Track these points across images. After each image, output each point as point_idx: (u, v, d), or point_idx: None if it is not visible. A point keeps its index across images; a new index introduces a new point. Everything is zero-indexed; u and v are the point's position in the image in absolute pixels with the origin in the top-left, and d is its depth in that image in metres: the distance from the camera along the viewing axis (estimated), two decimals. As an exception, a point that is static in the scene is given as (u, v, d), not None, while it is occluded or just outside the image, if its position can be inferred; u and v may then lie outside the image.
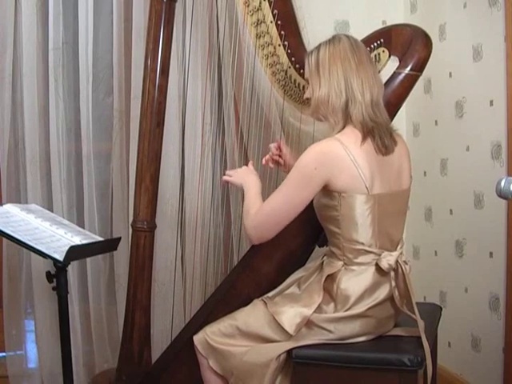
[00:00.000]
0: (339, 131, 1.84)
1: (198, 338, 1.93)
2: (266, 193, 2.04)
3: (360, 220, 1.82)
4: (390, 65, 2.10)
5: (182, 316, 2.68)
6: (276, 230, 1.89)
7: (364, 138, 1.80)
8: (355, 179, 1.79)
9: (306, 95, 1.94)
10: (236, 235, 2.72)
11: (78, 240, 1.88)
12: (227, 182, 2.14)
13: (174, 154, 2.67)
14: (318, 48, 1.89)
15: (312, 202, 1.89)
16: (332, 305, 1.84)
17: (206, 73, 2.63)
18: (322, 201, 1.87)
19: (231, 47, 2.51)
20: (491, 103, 2.32)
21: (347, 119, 1.84)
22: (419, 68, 2.02)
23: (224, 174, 2.13)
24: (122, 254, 2.65)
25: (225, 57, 2.65)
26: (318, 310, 1.83)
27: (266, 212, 1.88)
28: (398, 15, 2.88)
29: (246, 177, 2.04)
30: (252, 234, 1.91)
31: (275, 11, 2.14)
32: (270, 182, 2.41)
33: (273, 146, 2.18)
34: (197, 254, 2.66)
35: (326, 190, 1.83)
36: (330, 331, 1.83)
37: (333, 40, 1.87)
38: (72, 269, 2.64)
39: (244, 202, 1.97)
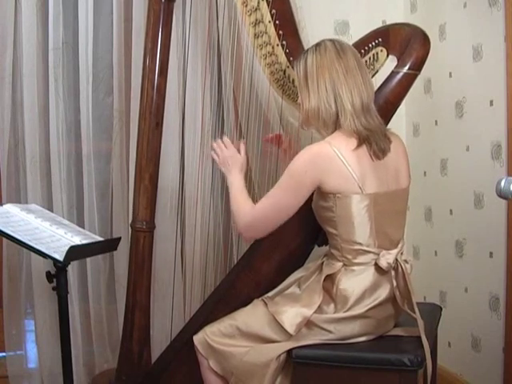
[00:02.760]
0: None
1: (197, 338, 1.93)
2: (265, 189, 2.04)
3: (356, 220, 1.82)
4: (389, 64, 2.10)
5: (182, 316, 2.68)
6: (268, 230, 1.91)
7: (359, 145, 1.81)
8: (347, 179, 1.79)
9: (299, 101, 1.94)
10: (236, 235, 2.72)
11: (78, 240, 1.88)
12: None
13: (174, 153, 2.67)
14: (305, 56, 1.88)
15: (310, 201, 1.90)
16: (332, 305, 1.84)
17: (205, 72, 2.63)
18: (318, 203, 1.88)
19: (230, 46, 2.51)
20: (491, 103, 2.32)
21: (337, 129, 1.85)
22: (417, 67, 2.02)
23: (223, 173, 2.10)
24: (122, 254, 2.65)
25: (224, 56, 2.64)
26: (319, 310, 1.83)
27: (257, 213, 1.90)
28: (397, 15, 2.88)
29: (231, 168, 2.02)
30: (244, 233, 1.95)
31: (273, 11, 2.14)
32: (270, 178, 2.42)
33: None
34: (196, 254, 2.66)
35: (321, 192, 1.84)
36: (330, 331, 1.83)
37: (319, 48, 1.86)
38: (72, 269, 2.64)
39: (231, 198, 1.98)
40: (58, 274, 1.79)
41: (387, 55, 2.09)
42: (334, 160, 1.79)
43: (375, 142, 1.82)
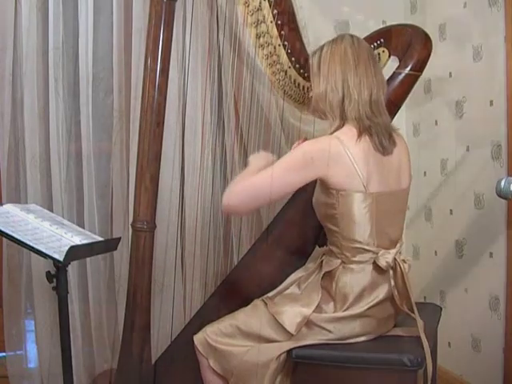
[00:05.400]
0: (336, 129, 1.85)
1: (198, 338, 1.94)
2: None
3: (358, 218, 1.82)
4: (390, 65, 2.11)
5: (182, 316, 2.68)
6: (252, 204, 1.86)
7: (360, 135, 1.80)
8: (353, 177, 1.79)
9: (311, 95, 1.96)
10: (236, 235, 2.72)
11: (78, 240, 1.88)
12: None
13: (174, 154, 2.67)
14: (321, 48, 1.92)
15: (311, 201, 1.90)
16: (331, 304, 1.85)
17: (206, 72, 2.63)
18: (320, 199, 1.88)
19: (231, 47, 2.51)
20: (491, 103, 2.32)
21: (344, 116, 1.85)
22: (419, 68, 2.03)
23: (223, 174, 2.10)
24: (122, 254, 2.65)
25: (225, 57, 2.64)
26: (318, 309, 1.84)
27: (252, 182, 1.84)
28: (398, 15, 2.88)
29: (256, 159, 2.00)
30: (228, 198, 1.85)
31: (275, 11, 2.14)
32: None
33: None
34: (197, 254, 2.66)
35: (325, 188, 1.84)
36: (329, 331, 1.83)
37: (336, 39, 1.90)
38: (72, 269, 2.64)
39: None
40: (57, 274, 1.79)
41: (389, 56, 2.10)
42: (341, 157, 1.79)
43: (377, 134, 1.82)
